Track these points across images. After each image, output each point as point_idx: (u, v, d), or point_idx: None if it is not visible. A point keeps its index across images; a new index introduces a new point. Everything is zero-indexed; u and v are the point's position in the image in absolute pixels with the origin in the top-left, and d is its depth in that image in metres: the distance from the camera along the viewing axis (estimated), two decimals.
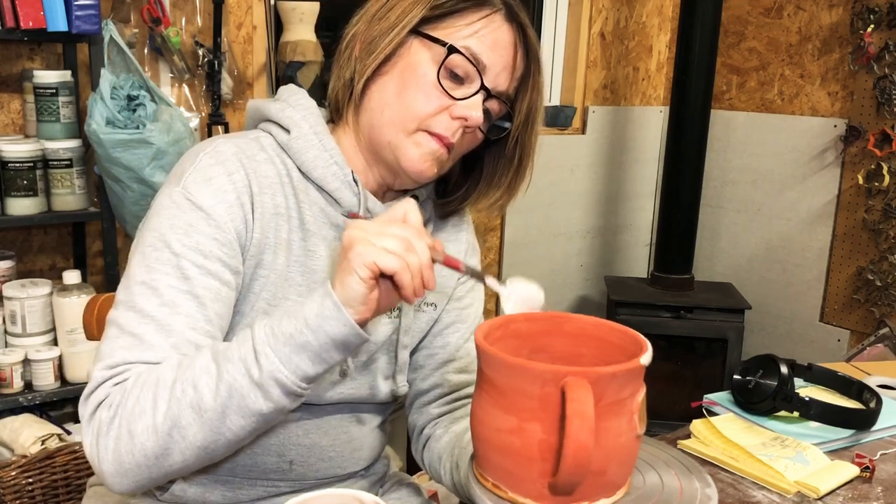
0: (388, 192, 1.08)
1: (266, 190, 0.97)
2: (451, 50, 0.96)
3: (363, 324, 0.82)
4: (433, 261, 0.83)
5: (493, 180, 1.07)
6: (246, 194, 0.95)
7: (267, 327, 0.83)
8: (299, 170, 1.00)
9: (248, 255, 0.96)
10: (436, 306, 1.12)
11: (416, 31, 0.97)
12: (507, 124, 1.03)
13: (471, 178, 1.09)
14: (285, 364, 0.81)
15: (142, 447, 0.83)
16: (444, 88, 0.97)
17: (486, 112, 1.00)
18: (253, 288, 0.97)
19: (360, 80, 0.99)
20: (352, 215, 0.99)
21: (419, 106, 0.97)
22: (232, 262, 0.93)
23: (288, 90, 1.06)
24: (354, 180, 1.01)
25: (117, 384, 0.86)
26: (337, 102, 1.04)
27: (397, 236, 0.81)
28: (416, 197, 1.07)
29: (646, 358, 0.75)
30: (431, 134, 0.98)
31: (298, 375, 0.82)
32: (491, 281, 0.89)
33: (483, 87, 0.97)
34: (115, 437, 0.84)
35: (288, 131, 1.01)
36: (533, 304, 0.88)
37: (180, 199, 0.93)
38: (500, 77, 0.99)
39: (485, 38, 0.97)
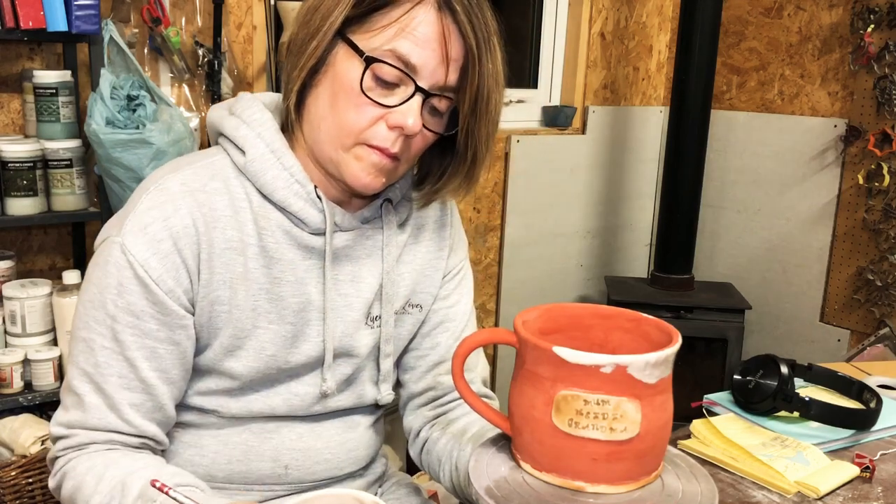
0: (356, 199, 1.02)
1: (216, 224, 0.94)
2: (370, 61, 0.89)
3: None
4: None
5: (448, 171, 1.01)
6: (185, 238, 0.92)
7: None
8: (259, 192, 0.96)
9: (198, 298, 0.94)
10: (421, 307, 1.10)
11: (342, 35, 0.91)
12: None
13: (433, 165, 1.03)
14: None
15: None
16: (372, 99, 0.90)
17: (434, 109, 0.94)
18: (214, 324, 0.96)
19: (292, 92, 0.94)
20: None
21: (352, 120, 0.91)
22: (167, 318, 0.93)
23: (242, 102, 1.00)
24: (319, 197, 0.97)
25: (70, 460, 0.95)
26: (287, 113, 0.97)
27: None
28: (389, 200, 1.03)
29: (560, 349, 0.74)
30: (370, 146, 0.92)
31: None
32: None
33: (418, 88, 0.91)
34: None
35: (244, 152, 0.96)
36: None
37: (118, 253, 0.91)
38: (437, 73, 0.91)
39: (413, 34, 0.89)
